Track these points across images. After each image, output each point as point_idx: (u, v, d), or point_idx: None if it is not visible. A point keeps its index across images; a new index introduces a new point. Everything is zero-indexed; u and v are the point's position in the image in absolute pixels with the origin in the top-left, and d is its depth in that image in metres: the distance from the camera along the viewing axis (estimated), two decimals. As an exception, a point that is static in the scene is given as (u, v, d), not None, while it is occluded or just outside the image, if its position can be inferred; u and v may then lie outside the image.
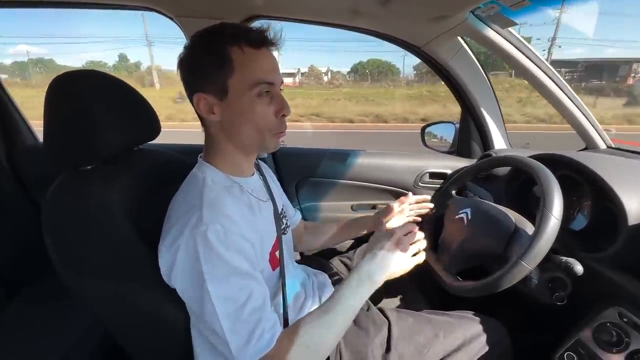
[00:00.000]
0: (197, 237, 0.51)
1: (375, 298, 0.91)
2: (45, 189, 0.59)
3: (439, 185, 1.33)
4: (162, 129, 0.75)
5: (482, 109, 1.24)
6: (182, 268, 0.52)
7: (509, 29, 0.99)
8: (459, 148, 1.40)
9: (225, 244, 0.52)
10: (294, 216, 0.94)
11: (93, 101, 0.58)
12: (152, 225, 0.60)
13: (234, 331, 0.50)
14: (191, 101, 0.60)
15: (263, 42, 0.57)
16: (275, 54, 0.62)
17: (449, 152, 1.42)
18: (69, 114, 0.58)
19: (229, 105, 0.58)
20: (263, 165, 0.84)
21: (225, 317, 0.50)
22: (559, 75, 1.08)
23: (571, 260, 0.65)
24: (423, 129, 1.48)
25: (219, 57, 0.55)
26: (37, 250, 0.53)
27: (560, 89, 1.07)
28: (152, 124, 0.72)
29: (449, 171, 1.32)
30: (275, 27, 0.59)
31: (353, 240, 1.34)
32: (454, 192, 0.95)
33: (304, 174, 1.35)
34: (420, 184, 1.33)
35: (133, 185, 0.64)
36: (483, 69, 1.21)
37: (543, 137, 7.62)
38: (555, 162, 0.82)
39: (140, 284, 0.54)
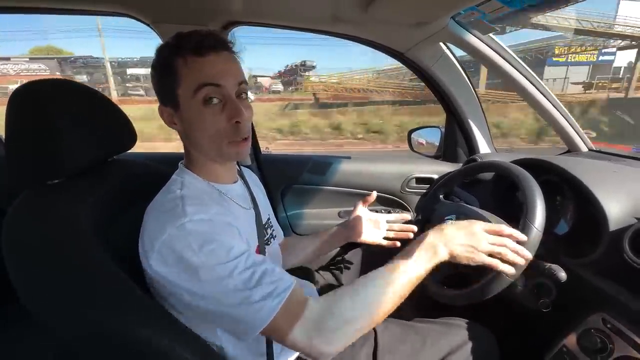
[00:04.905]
0: (182, 230, 0.49)
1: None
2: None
3: (425, 190, 1.33)
4: None
5: (466, 114, 1.25)
6: (174, 264, 0.49)
7: (490, 34, 1.00)
8: (445, 153, 1.40)
9: (213, 230, 0.51)
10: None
11: (58, 112, 0.56)
12: (125, 242, 0.57)
13: (255, 284, 0.50)
14: None
15: (204, 48, 0.55)
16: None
17: (435, 157, 1.43)
18: (32, 125, 0.55)
19: (182, 115, 0.58)
20: (249, 174, 0.82)
21: (240, 289, 0.49)
22: (539, 80, 1.09)
23: (555, 266, 0.64)
24: (410, 134, 1.48)
25: (166, 69, 0.56)
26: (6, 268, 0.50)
27: (541, 93, 1.09)
28: (126, 134, 0.69)
29: (435, 176, 1.32)
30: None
31: (339, 249, 1.32)
32: (441, 196, 0.95)
33: (289, 180, 1.33)
34: (406, 189, 1.33)
35: (104, 199, 0.60)
36: (466, 74, 1.22)
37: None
38: (537, 167, 0.82)
39: (112, 308, 0.50)
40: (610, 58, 21.70)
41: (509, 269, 0.60)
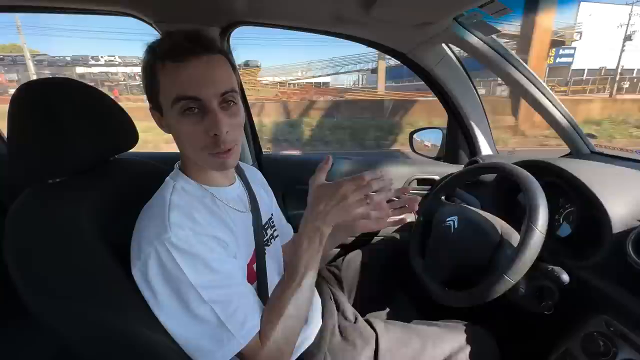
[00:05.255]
0: (166, 243, 0.49)
1: (364, 309, 0.89)
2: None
3: (426, 192, 1.32)
4: None
5: (468, 116, 1.25)
6: (156, 276, 0.50)
7: (493, 36, 1.00)
8: (447, 154, 1.40)
9: (196, 245, 0.51)
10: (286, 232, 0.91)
11: (61, 110, 0.56)
12: (126, 241, 0.57)
13: (228, 316, 0.51)
14: None
15: (181, 53, 0.51)
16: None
17: (437, 158, 1.42)
18: (34, 123, 0.55)
19: (166, 121, 0.57)
20: (251, 172, 0.81)
21: (218, 310, 0.50)
22: (541, 81, 1.09)
23: (557, 268, 0.64)
24: (411, 135, 1.48)
25: (148, 74, 0.55)
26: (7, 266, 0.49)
27: (544, 95, 1.08)
28: (128, 133, 0.69)
29: (436, 177, 1.32)
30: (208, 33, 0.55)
31: (340, 249, 1.32)
32: (442, 197, 0.95)
33: (290, 181, 1.33)
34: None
35: (106, 198, 0.60)
36: (468, 75, 1.22)
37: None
38: (540, 169, 0.82)
39: (113, 308, 0.50)
40: (568, 60, 20.82)
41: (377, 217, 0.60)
